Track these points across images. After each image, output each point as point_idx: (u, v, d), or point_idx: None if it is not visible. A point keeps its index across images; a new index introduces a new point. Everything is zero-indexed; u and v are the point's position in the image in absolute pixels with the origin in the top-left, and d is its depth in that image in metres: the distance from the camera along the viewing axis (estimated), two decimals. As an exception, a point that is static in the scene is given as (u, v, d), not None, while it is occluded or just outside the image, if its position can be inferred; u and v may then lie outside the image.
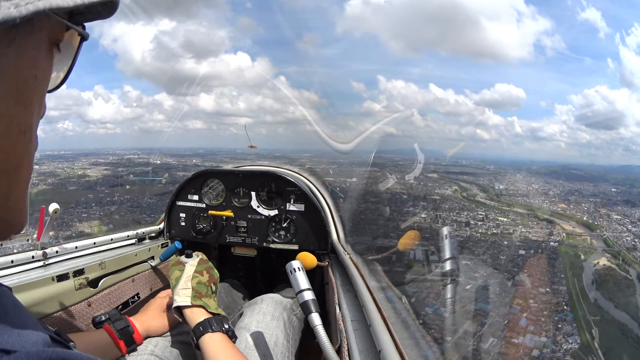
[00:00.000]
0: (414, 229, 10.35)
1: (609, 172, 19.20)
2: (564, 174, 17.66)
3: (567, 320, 10.38)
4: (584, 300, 10.95)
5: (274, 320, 1.38)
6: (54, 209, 1.33)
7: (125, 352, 1.15)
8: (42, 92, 0.42)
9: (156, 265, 1.81)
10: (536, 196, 15.97)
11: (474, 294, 10.04)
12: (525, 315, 10.28)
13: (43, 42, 0.39)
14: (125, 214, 12.10)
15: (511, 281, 11.43)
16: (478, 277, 11.08)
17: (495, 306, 10.24)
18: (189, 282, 1.22)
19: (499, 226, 14.04)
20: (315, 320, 1.08)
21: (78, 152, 17.83)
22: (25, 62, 0.37)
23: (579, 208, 15.07)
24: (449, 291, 1.34)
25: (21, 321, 0.38)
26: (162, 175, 11.57)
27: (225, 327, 1.10)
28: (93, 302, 1.38)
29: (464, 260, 11.51)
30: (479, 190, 16.34)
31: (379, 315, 1.11)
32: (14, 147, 0.39)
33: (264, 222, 1.98)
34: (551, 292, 11.28)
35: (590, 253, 12.91)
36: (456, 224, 13.98)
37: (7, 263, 1.26)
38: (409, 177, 3.03)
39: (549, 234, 13.82)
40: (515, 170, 18.38)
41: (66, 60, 0.45)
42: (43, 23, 0.38)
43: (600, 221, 14.23)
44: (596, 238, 13.54)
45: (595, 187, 16.14)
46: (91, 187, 14.66)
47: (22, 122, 0.39)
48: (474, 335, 9.10)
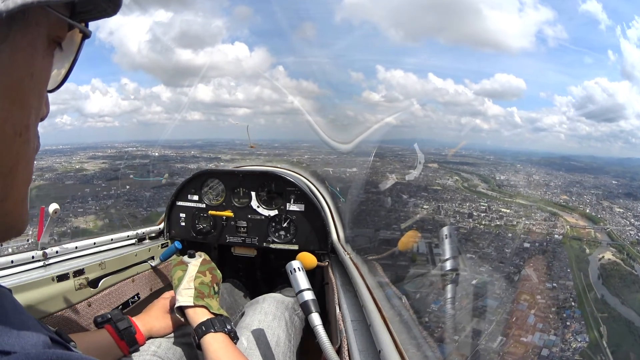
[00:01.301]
0: (417, 222, 10.29)
1: (609, 164, 19.02)
2: (564, 166, 17.50)
3: (575, 318, 10.22)
4: (591, 296, 10.78)
5: (275, 319, 1.38)
6: (54, 209, 1.33)
7: (127, 352, 1.15)
8: (41, 92, 0.40)
9: (156, 265, 1.80)
10: (537, 187, 15.80)
11: (480, 289, 9.97)
12: (534, 312, 10.13)
13: (40, 39, 0.38)
14: (121, 207, 12.06)
15: (517, 276, 11.27)
16: (483, 272, 11.01)
17: (502, 302, 10.09)
18: (191, 282, 1.22)
19: (502, 218, 13.87)
20: (315, 320, 1.08)
21: (77, 146, 17.78)
22: (20, 60, 0.35)
23: (581, 200, 14.87)
24: (450, 291, 1.33)
25: (21, 322, 0.38)
26: (162, 174, 11.54)
27: (228, 328, 1.10)
28: (93, 302, 1.38)
29: (469, 254, 11.45)
30: (480, 180, 16.17)
31: (379, 315, 1.11)
32: (9, 149, 0.37)
33: (264, 222, 1.97)
34: (558, 287, 11.11)
35: (595, 247, 12.71)
36: (459, 215, 13.84)
37: (7, 263, 1.26)
38: (409, 177, 3.01)
39: (552, 227, 13.64)
40: (515, 161, 18.22)
41: (67, 59, 0.44)
42: (40, 19, 0.37)
43: (603, 214, 14.05)
44: (600, 231, 13.34)
45: (596, 180, 15.97)
46: (88, 181, 14.55)
47: (17, 122, 0.37)
48: (481, 333, 9.06)
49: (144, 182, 11.54)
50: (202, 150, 15.14)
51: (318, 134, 2.71)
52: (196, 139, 18.00)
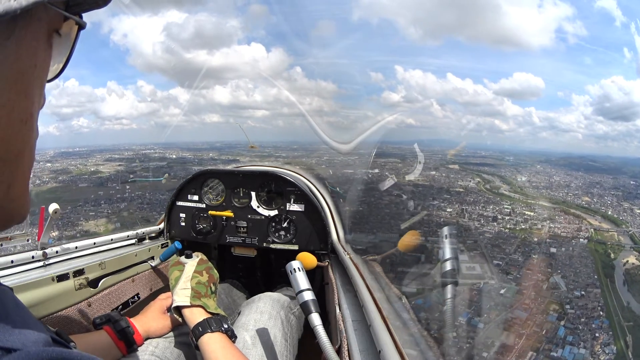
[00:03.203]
0: (441, 224, 10.09)
1: (625, 164, 18.51)
2: (583, 166, 17.17)
3: (603, 328, 9.86)
4: (617, 304, 10.44)
5: (271, 319, 1.38)
6: (54, 209, 1.33)
7: (125, 352, 1.16)
8: (42, 81, 0.42)
9: (156, 265, 1.81)
10: (559, 189, 15.52)
11: (510, 299, 9.73)
12: (563, 324, 9.80)
13: (42, 32, 0.40)
14: (134, 211, 11.83)
15: (546, 284, 10.98)
16: (511, 280, 10.73)
17: (532, 313, 9.80)
18: (188, 282, 1.23)
19: (527, 221, 13.53)
20: (315, 321, 1.08)
21: (93, 149, 17.69)
22: (24, 53, 0.38)
23: (603, 202, 14.51)
24: (449, 291, 1.29)
25: (22, 320, 0.39)
26: (163, 175, 11.60)
27: (225, 327, 1.11)
28: (93, 302, 1.39)
29: (495, 260, 11.21)
30: (502, 182, 15.91)
31: (379, 315, 1.11)
32: (15, 137, 0.39)
33: (264, 222, 1.97)
34: (586, 295, 10.77)
35: (620, 251, 12.41)
36: (483, 219, 13.50)
37: (7, 263, 1.27)
38: (409, 177, 2.95)
39: (577, 230, 13.31)
40: (535, 162, 17.91)
41: (64, 50, 0.46)
42: (42, 14, 0.39)
43: (624, 216, 13.68)
44: (623, 234, 12.98)
45: (615, 180, 15.60)
46: (102, 183, 14.36)
47: (22, 111, 0.39)
48: (514, 348, 8.83)
49: (158, 185, 11.57)
50: (221, 152, 14.96)
51: (317, 133, 2.68)
52: (215, 141, 18.19)
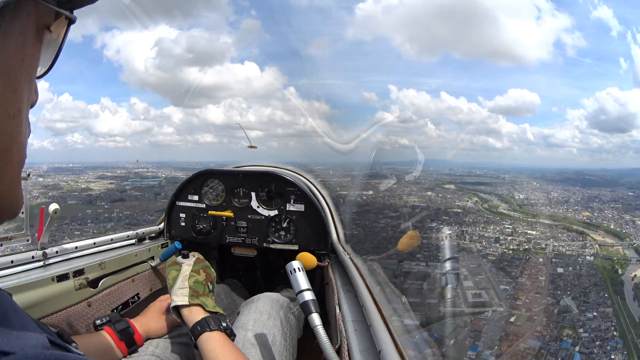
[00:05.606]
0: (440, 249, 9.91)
1: (621, 175, 18.58)
2: (579, 180, 17.24)
3: (618, 348, 9.69)
4: (630, 322, 10.23)
5: (270, 319, 1.37)
6: (54, 209, 1.34)
7: (126, 353, 1.16)
8: (31, 76, 0.42)
9: (156, 265, 1.81)
10: (558, 205, 15.42)
11: (522, 328, 9.51)
12: (578, 349, 9.61)
13: (30, 27, 0.39)
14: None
15: (556, 308, 10.76)
16: (521, 306, 10.51)
17: (545, 342, 9.59)
18: (185, 282, 1.22)
19: (530, 241, 13.38)
20: (315, 321, 1.08)
21: (87, 165, 17.62)
22: (12, 47, 0.37)
23: (603, 215, 14.42)
24: (449, 291, 1.27)
25: (20, 324, 0.39)
26: (162, 179, 11.39)
27: (223, 325, 1.10)
28: (93, 303, 1.39)
29: (502, 285, 10.99)
30: (500, 200, 15.82)
31: (379, 315, 1.10)
32: (3, 131, 0.39)
33: (264, 223, 1.97)
34: (599, 316, 10.56)
35: (626, 265, 12.19)
36: (485, 241, 13.30)
37: (7, 263, 1.26)
38: (409, 177, 2.97)
39: (582, 247, 13.13)
40: (531, 179, 17.87)
41: (54, 45, 0.46)
42: (31, 8, 0.39)
43: (627, 228, 13.52)
44: (627, 247, 12.79)
45: (613, 193, 15.62)
46: (91, 201, 14.15)
47: (10, 105, 0.39)
48: None
49: (149, 205, 11.33)
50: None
51: (318, 132, 2.72)
52: (209, 162, 18.21)
